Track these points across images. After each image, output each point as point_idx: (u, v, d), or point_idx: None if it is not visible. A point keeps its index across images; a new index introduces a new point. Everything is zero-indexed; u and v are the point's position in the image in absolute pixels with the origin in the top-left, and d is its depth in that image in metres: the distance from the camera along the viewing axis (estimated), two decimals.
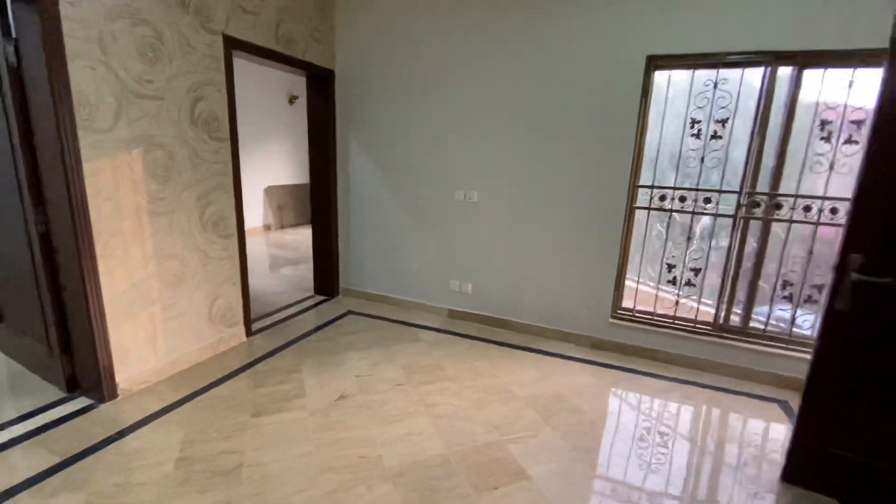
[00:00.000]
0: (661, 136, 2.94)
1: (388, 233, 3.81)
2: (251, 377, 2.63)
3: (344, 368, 2.77)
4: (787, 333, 2.82)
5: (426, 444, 2.07)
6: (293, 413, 2.28)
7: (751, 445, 2.21)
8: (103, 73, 2.06)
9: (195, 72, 2.50)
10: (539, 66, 3.02)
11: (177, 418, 2.20)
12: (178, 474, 1.82)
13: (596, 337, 3.20)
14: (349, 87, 3.69)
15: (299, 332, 3.32)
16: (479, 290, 3.54)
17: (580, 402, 2.49)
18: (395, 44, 3.44)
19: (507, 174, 3.25)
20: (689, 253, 3.07)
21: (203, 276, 2.74)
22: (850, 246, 1.70)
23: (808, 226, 2.69)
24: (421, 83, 3.41)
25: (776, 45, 2.49)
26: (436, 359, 2.95)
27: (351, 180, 3.87)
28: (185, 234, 2.59)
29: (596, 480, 1.91)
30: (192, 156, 2.56)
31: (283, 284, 4.50)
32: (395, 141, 3.60)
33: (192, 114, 2.52)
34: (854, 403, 1.77)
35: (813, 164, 2.62)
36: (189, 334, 2.70)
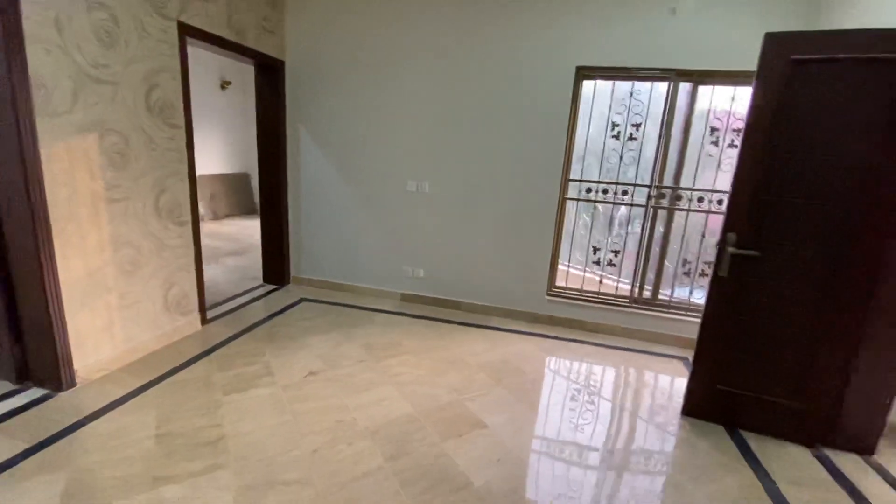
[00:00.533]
0: (588, 136, 3.40)
1: (341, 222, 3.95)
2: (215, 361, 2.69)
3: (307, 350, 2.91)
4: (687, 302, 3.42)
5: (395, 407, 2.31)
6: (266, 389, 2.40)
7: (659, 391, 2.72)
8: (59, 56, 2.03)
9: (150, 58, 2.48)
10: (486, 67, 3.33)
11: (145, 401, 2.23)
12: (161, 448, 1.90)
13: (534, 312, 3.62)
14: (300, 78, 3.75)
15: (255, 319, 3.38)
16: (430, 275, 3.82)
17: (523, 366, 2.87)
18: (347, 37, 3.57)
19: (457, 167, 3.54)
20: (610, 238, 3.58)
21: (158, 263, 2.73)
22: (728, 227, 2.20)
23: (701, 213, 3.29)
24: (373, 77, 3.58)
25: (678, 64, 3.01)
26: (394, 337, 3.19)
27: (302, 170, 3.94)
28: (141, 221, 2.57)
29: (539, 426, 2.28)
30: (148, 142, 2.54)
31: (230, 274, 4.45)
32: (348, 133, 3.74)
33: (148, 100, 2.50)
34: (732, 349, 2.30)
35: (705, 163, 3.21)
36: (145, 322, 2.68)
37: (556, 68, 3.20)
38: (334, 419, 2.18)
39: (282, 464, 1.86)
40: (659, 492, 1.89)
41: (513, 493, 1.79)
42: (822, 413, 2.20)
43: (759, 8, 2.83)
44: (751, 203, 2.14)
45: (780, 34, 2.01)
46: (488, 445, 2.07)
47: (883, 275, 2.01)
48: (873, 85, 1.90)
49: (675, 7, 2.93)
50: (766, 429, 2.30)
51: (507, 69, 3.29)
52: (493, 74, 3.33)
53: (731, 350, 2.30)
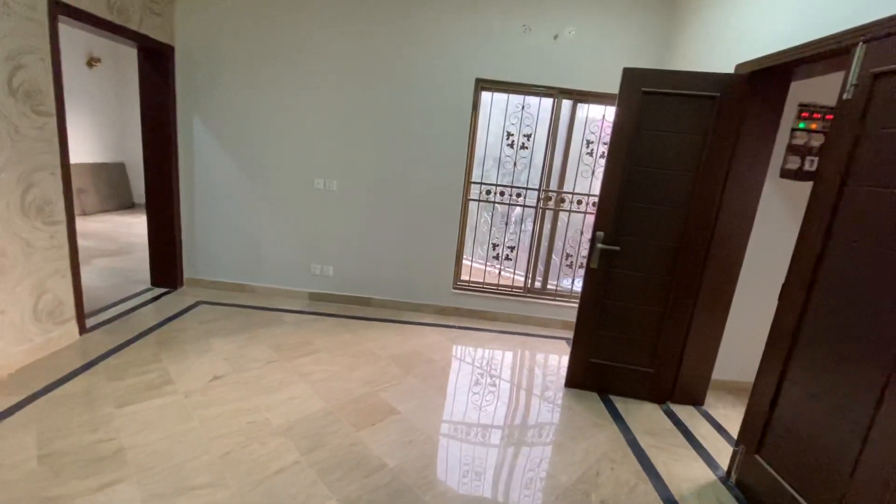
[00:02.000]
0: (486, 143, 3.72)
1: (242, 220, 3.80)
2: (101, 373, 2.47)
3: (210, 354, 2.81)
4: (570, 291, 3.94)
5: (308, 404, 2.37)
6: (166, 398, 2.29)
7: (548, 369, 3.13)
8: None
9: (14, 37, 2.19)
10: (393, 70, 3.47)
11: (20, 421, 2.00)
12: (46, 469, 1.75)
13: (441, 305, 3.87)
14: (193, 66, 3.52)
15: (145, 325, 3.13)
16: (339, 273, 3.86)
17: (432, 355, 3.09)
18: (248, 27, 3.44)
19: (365, 166, 3.63)
20: (507, 235, 3.97)
21: (26, 269, 2.42)
22: (598, 225, 2.63)
23: (580, 214, 3.81)
24: (277, 70, 3.50)
25: (560, 84, 3.45)
26: (303, 336, 3.19)
27: (196, 165, 3.71)
28: (4, 221, 2.26)
29: (447, 408, 2.52)
30: (11, 132, 2.24)
31: (109, 278, 4.00)
32: (251, 126, 3.61)
33: (10, 84, 2.21)
34: (601, 328, 2.76)
35: (583, 170, 3.72)
36: (13, 334, 2.37)
37: (457, 77, 3.45)
38: (245, 421, 2.17)
39: (191, 469, 1.83)
40: (547, 454, 2.23)
41: (424, 469, 1.99)
42: (666, 375, 2.76)
43: (623, 42, 3.37)
44: (614, 206, 2.59)
45: (634, 70, 2.46)
46: (401, 430, 2.24)
47: (706, 264, 2.58)
48: (690, 114, 2.44)
49: (558, 34, 3.36)
50: (628, 392, 2.81)
51: (413, 73, 3.47)
52: (399, 77, 3.48)
53: (601, 329, 2.76)
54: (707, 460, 2.27)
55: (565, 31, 3.36)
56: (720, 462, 2.26)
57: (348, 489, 1.81)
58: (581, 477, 2.04)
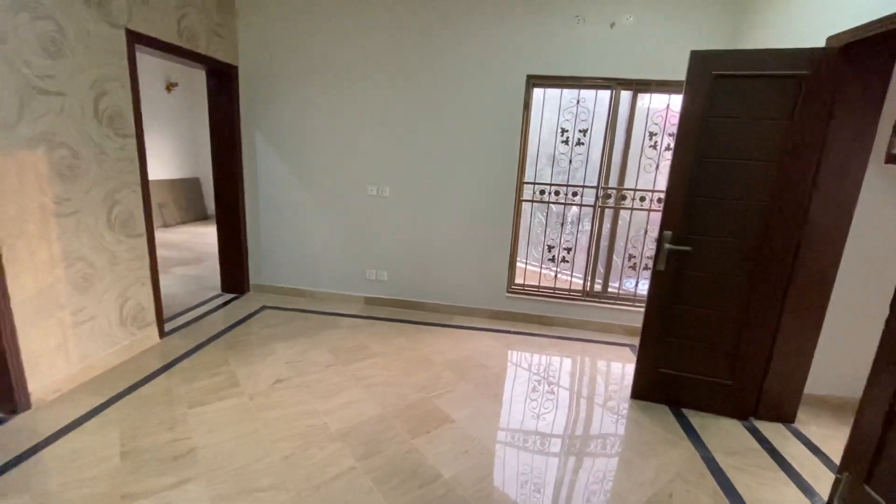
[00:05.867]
0: (539, 141, 3.59)
1: (301, 228, 3.94)
2: (176, 375, 2.65)
3: (273, 357, 2.92)
4: (633, 294, 3.70)
5: (364, 408, 2.39)
6: (232, 399, 2.41)
7: (611, 378, 2.94)
8: (3, 69, 1.95)
9: (98, 66, 2.41)
10: (442, 74, 3.45)
11: (106, 420, 2.19)
12: (127, 465, 1.88)
13: (494, 309, 3.78)
14: (254, 83, 3.71)
15: (216, 329, 3.33)
16: (393, 277, 3.90)
17: (486, 361, 3.01)
18: (301, 42, 3.57)
19: (416, 171, 3.64)
20: (563, 236, 3.80)
21: (113, 277, 2.65)
22: (665, 224, 2.43)
23: (643, 212, 3.56)
24: (330, 83, 3.60)
25: (618, 74, 3.25)
26: (360, 340, 3.24)
27: (259, 176, 3.91)
28: (93, 235, 2.50)
29: (503, 416, 2.43)
30: (98, 153, 2.47)
31: (186, 285, 4.33)
32: (306, 138, 3.75)
33: (96, 110, 2.43)
34: (671, 335, 2.54)
35: (645, 165, 3.48)
36: (101, 339, 2.60)
37: (508, 76, 3.36)
38: (305, 424, 2.22)
39: (255, 471, 1.89)
40: (612, 469, 2.08)
41: (480, 482, 1.92)
42: (750, 388, 2.49)
43: (688, 26, 3.11)
44: (683, 203, 2.38)
45: (703, 52, 2.25)
46: (456, 439, 2.19)
47: (795, 265, 2.30)
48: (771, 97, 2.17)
49: (614, 21, 3.16)
50: (703, 405, 2.57)
51: (462, 76, 3.42)
52: (448, 81, 3.45)
53: (671, 336, 2.54)
54: (801, 486, 2.00)
55: (622, 18, 3.16)
56: (818, 489, 1.98)
57: (403, 499, 1.78)
58: (652, 499, 1.87)
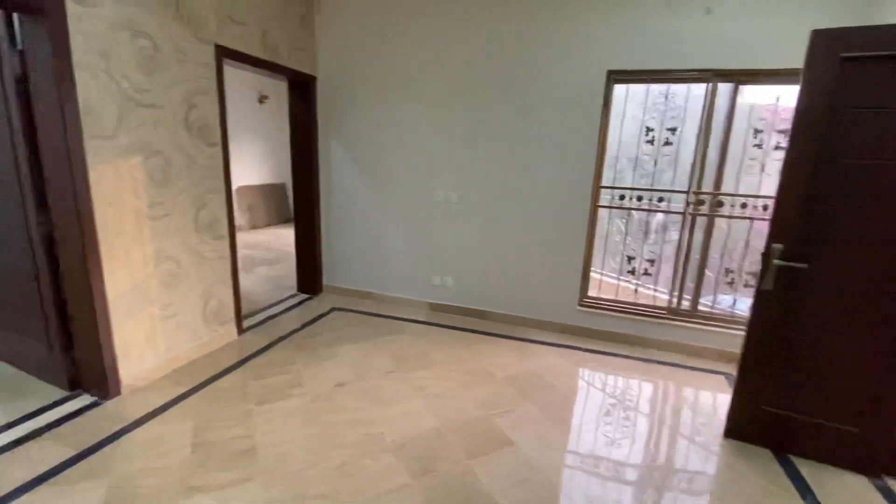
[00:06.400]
0: (620, 141, 3.29)
1: (371, 232, 4.00)
2: (249, 371, 2.77)
3: (337, 359, 2.95)
4: (730, 314, 3.23)
5: (421, 421, 2.30)
6: (296, 400, 2.45)
7: (700, 411, 2.57)
8: (105, 83, 2.16)
9: (189, 80, 2.61)
10: (513, 75, 3.30)
11: (183, 410, 2.33)
12: (196, 457, 1.97)
13: (565, 323, 3.52)
14: (331, 93, 3.84)
15: (288, 328, 3.46)
16: (459, 284, 3.80)
17: (553, 380, 2.79)
18: (375, 51, 3.62)
19: (485, 176, 3.51)
20: (645, 246, 3.44)
21: (198, 276, 2.85)
22: (774, 237, 2.05)
23: (745, 220, 3.11)
24: (400, 89, 3.61)
25: (716, 64, 2.87)
26: (422, 348, 3.18)
27: (333, 181, 4.03)
28: (181, 236, 2.69)
29: (570, 444, 2.20)
30: (188, 161, 2.67)
31: (265, 284, 4.59)
32: (377, 144, 3.79)
33: (187, 121, 2.63)
34: (780, 367, 2.14)
35: (748, 167, 3.03)
36: (185, 333, 2.80)
37: (586, 73, 3.11)
38: (361, 432, 2.19)
39: (309, 478, 1.88)
40: None
41: None
42: (882, 439, 2.01)
43: (803, 3, 2.65)
44: (799, 210, 1.99)
45: (828, 31, 1.87)
46: (515, 465, 2.02)
47: None
48: None
49: (710, 7, 2.79)
50: (820, 455, 2.13)
51: (535, 76, 3.24)
52: (521, 82, 3.28)
53: (780, 368, 2.15)
54: None
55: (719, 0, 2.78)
56: None
57: None
58: None
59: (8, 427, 2.12)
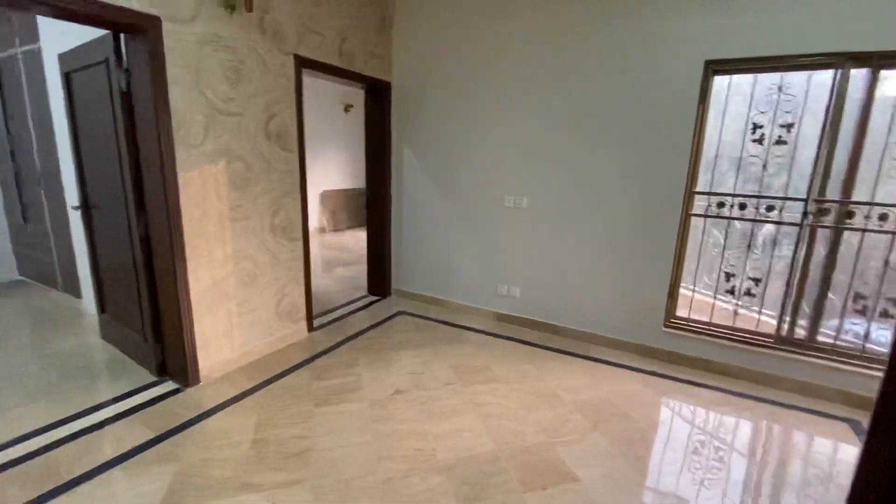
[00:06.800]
0: (720, 141, 2.87)
1: (438, 237, 3.95)
2: (313, 370, 2.84)
3: (398, 365, 2.92)
4: (860, 349, 2.65)
5: (476, 441, 2.16)
6: (353, 404, 2.45)
7: (814, 465, 2.12)
8: (195, 95, 2.34)
9: (270, 90, 2.75)
10: (593, 71, 3.04)
11: (250, 404, 2.43)
12: (254, 453, 2.02)
13: (647, 345, 3.15)
14: (404, 99, 3.87)
15: (355, 329, 3.52)
16: (527, 295, 3.59)
17: (629, 410, 2.48)
18: (448, 55, 3.57)
19: (559, 180, 3.29)
20: (749, 262, 2.96)
21: (272, 276, 2.99)
22: None
23: (884, 234, 2.53)
24: (473, 93, 3.52)
25: (849, 47, 2.38)
26: (484, 360, 3.04)
27: (404, 186, 4.05)
28: (258, 237, 2.85)
29: (646, 489, 1.92)
30: (266, 166, 2.81)
31: (339, 284, 4.76)
32: (447, 149, 3.74)
33: (267, 128, 2.78)
34: None
35: (889, 170, 2.47)
36: (259, 328, 2.95)
37: (679, 65, 2.77)
38: (413, 446, 2.10)
39: (357, 488, 1.83)
40: None
41: None
42: None
43: None
44: None
45: None
46: None
47: None
48: None
49: None
50: None
51: (619, 71, 2.95)
52: (601, 79, 3.02)
53: None
54: None
55: None
56: None
57: None
58: None
59: (106, 405, 2.37)
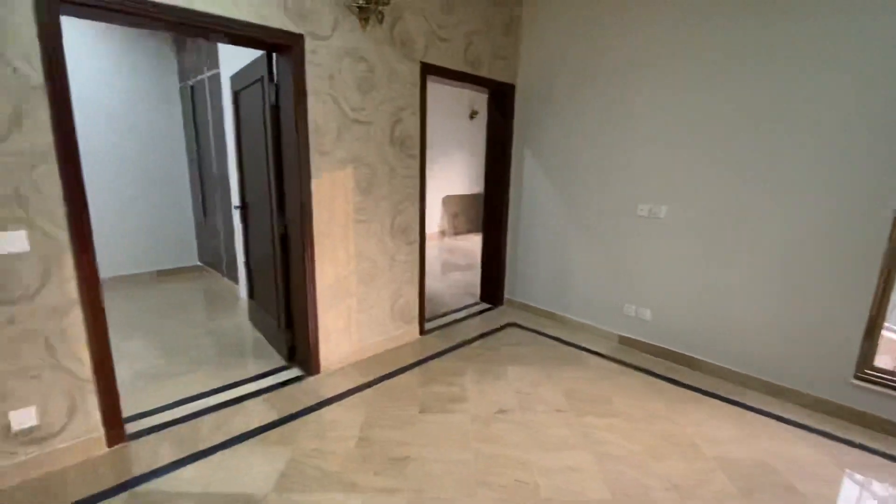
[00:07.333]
0: None
1: (557, 246, 3.68)
2: (421, 374, 2.84)
3: (504, 381, 2.77)
4: None
5: (588, 485, 1.89)
6: (456, 416, 2.37)
7: None
8: (331, 106, 2.51)
9: (396, 97, 2.84)
10: (762, 50, 2.50)
11: (360, 401, 2.51)
12: (359, 452, 2.07)
13: (826, 398, 2.47)
14: (529, 100, 3.70)
15: (464, 336, 3.46)
16: (660, 318, 3.12)
17: (797, 482, 1.94)
18: (581, 48, 3.29)
19: (708, 185, 2.78)
20: None
21: (389, 276, 3.09)
22: None
23: None
24: (603, 90, 3.19)
25: None
26: (603, 389, 2.70)
27: (523, 191, 3.87)
28: (378, 239, 2.96)
29: None
30: (389, 171, 2.91)
31: (452, 288, 4.77)
32: (572, 152, 3.45)
33: (392, 134, 2.87)
34: None
35: None
36: (375, 326, 3.07)
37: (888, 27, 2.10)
38: (513, 476, 1.93)
39: None
40: None
41: None
42: None
43: None
44: None
45: None
46: None
47: None
48: None
49: None
50: None
51: (804, 45, 2.37)
52: (769, 62, 2.46)
53: None
54: None
55: None
56: None
57: None
58: None
59: (245, 382, 2.67)
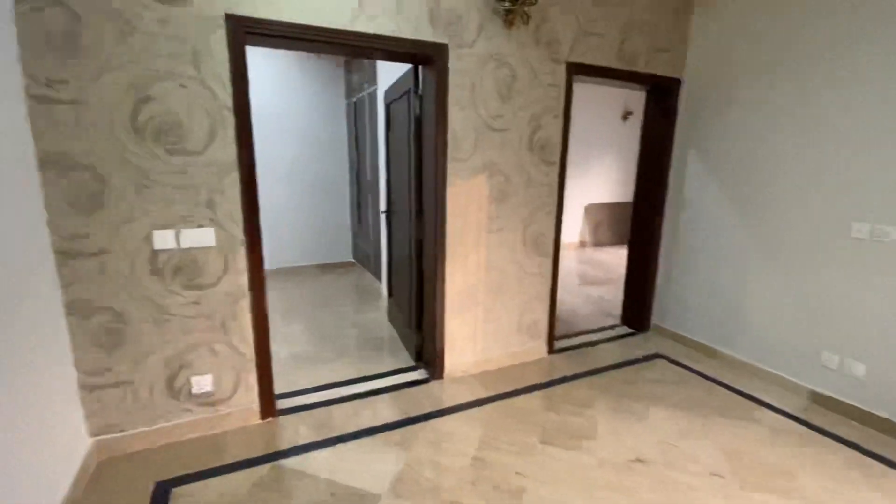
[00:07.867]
0: None
1: (725, 269, 3.06)
2: (546, 398, 2.63)
3: (644, 424, 2.38)
4: None
5: None
6: (581, 455, 2.11)
7: None
8: (470, 113, 2.49)
9: (537, 101, 2.68)
10: None
11: (479, 415, 2.43)
12: (471, 472, 1.98)
13: None
14: (700, 94, 3.15)
15: (600, 363, 3.11)
16: (878, 377, 2.34)
17: None
18: (776, 35, 2.67)
19: None
20: None
21: (518, 289, 2.94)
22: None
23: None
24: (801, 80, 2.52)
25: None
26: (782, 458, 2.12)
27: (685, 202, 3.33)
28: (510, 249, 2.84)
29: None
30: (525, 179, 2.77)
31: (589, 305, 4.38)
32: (759, 158, 2.82)
33: (531, 141, 2.73)
34: None
35: None
36: (500, 339, 2.96)
37: None
38: None
39: None
40: None
41: None
42: None
43: None
44: None
45: None
46: None
47: None
48: None
49: None
50: None
51: None
52: None
53: None
54: None
55: None
56: None
57: None
58: None
59: (377, 377, 2.82)
